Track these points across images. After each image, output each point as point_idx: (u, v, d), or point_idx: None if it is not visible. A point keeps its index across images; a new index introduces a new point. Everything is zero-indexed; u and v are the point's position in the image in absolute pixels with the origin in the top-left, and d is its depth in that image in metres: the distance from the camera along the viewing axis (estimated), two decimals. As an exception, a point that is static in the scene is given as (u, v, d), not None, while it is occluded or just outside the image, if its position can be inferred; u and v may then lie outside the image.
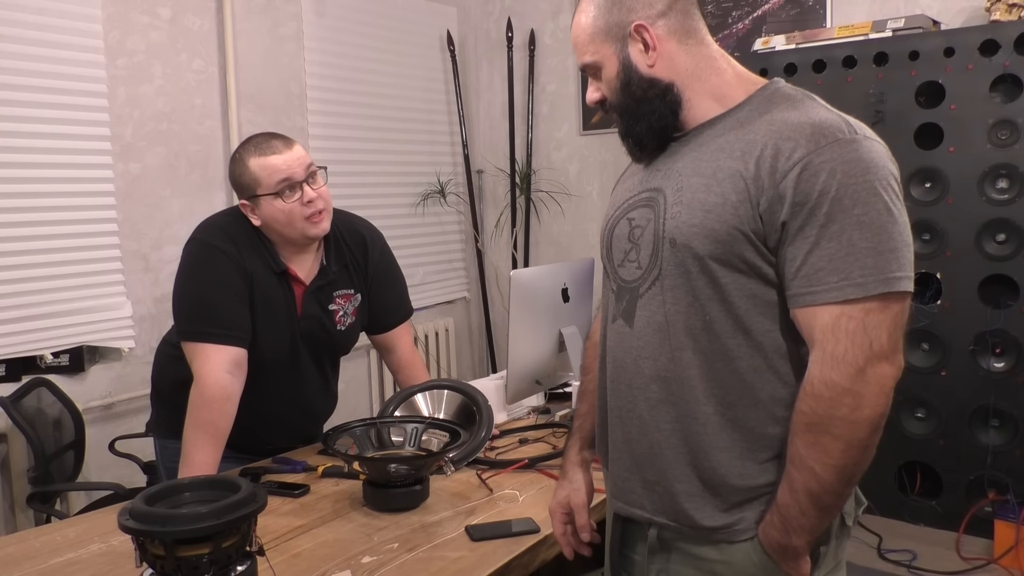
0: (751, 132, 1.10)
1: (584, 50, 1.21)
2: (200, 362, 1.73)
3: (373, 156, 3.71)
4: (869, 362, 1.01)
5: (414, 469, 1.61)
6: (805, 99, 1.13)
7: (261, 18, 3.23)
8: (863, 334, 1.01)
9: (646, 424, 1.18)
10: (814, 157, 1.03)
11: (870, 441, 1.04)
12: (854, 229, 1.01)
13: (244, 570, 1.22)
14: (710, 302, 1.10)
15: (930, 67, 2.82)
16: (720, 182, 1.09)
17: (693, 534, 1.15)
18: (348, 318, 1.96)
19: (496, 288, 4.31)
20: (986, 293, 2.81)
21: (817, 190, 1.02)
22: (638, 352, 1.18)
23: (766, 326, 1.10)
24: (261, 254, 1.83)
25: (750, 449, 1.12)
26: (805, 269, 1.04)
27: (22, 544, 1.49)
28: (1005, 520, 2.71)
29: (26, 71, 2.52)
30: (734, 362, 1.11)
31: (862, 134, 1.06)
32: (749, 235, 1.07)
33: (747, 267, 1.08)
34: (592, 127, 3.99)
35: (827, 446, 1.03)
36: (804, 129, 1.06)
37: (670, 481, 1.16)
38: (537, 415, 2.24)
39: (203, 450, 1.69)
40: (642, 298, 1.17)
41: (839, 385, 1.01)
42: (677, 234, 1.12)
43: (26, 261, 2.55)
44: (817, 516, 1.07)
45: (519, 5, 4.16)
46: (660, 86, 1.17)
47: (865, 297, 1.01)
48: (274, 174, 1.76)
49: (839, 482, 1.05)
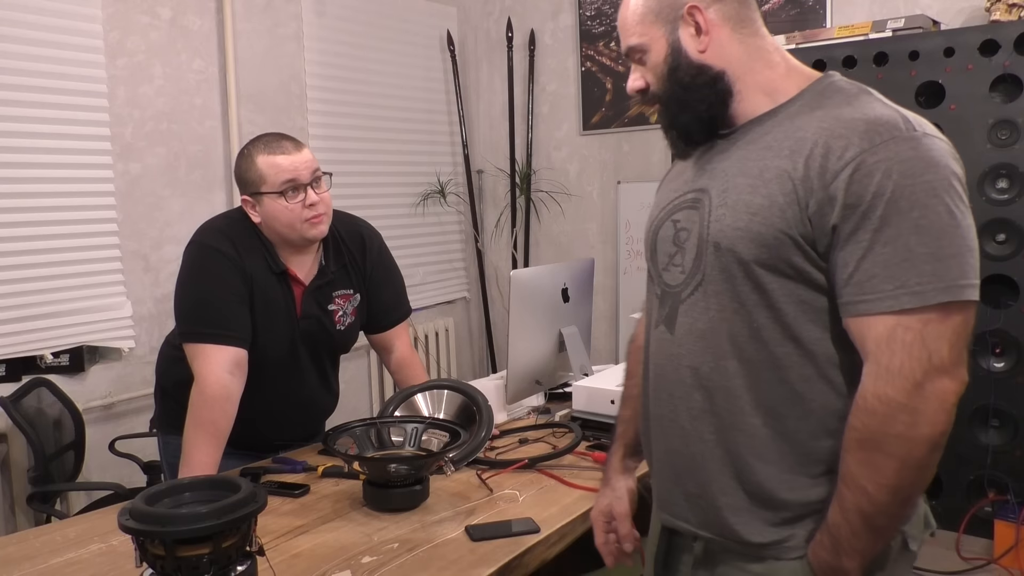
0: (801, 129, 1.04)
1: (631, 31, 1.14)
2: (201, 362, 1.74)
3: (373, 156, 3.71)
4: (928, 376, 0.94)
5: (414, 469, 1.61)
6: (861, 93, 1.06)
7: (261, 18, 3.23)
8: (921, 346, 0.94)
9: (688, 435, 1.13)
10: (868, 156, 0.97)
11: (928, 461, 0.97)
12: (911, 233, 0.94)
13: (244, 570, 1.22)
14: (757, 308, 1.05)
15: (930, 67, 2.81)
16: (767, 183, 1.04)
17: (740, 549, 1.10)
18: (348, 318, 1.97)
19: (496, 288, 4.31)
20: (986, 293, 2.78)
21: (871, 191, 0.95)
22: (679, 360, 1.13)
23: (816, 334, 1.03)
24: (261, 255, 1.83)
25: (801, 463, 1.06)
26: (858, 276, 0.97)
27: (22, 544, 1.49)
28: (1005, 520, 2.71)
29: (26, 71, 2.52)
30: (783, 371, 1.05)
31: (921, 131, 0.99)
32: (797, 239, 1.01)
33: (795, 272, 1.02)
34: (592, 127, 3.99)
35: (880, 465, 0.97)
36: (857, 126, 0.99)
37: (714, 494, 1.10)
38: (537, 415, 2.24)
39: (203, 450, 1.70)
40: (684, 304, 1.12)
41: (894, 400, 0.95)
42: (721, 238, 1.06)
43: (26, 261, 2.55)
44: (869, 538, 1.00)
45: (519, 5, 4.16)
46: (710, 73, 1.10)
47: (923, 307, 0.94)
48: (280, 174, 1.77)
49: (893, 503, 0.99)
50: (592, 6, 3.92)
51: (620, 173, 3.94)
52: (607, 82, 3.91)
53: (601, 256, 3.93)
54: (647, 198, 3.79)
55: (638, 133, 3.86)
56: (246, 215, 1.86)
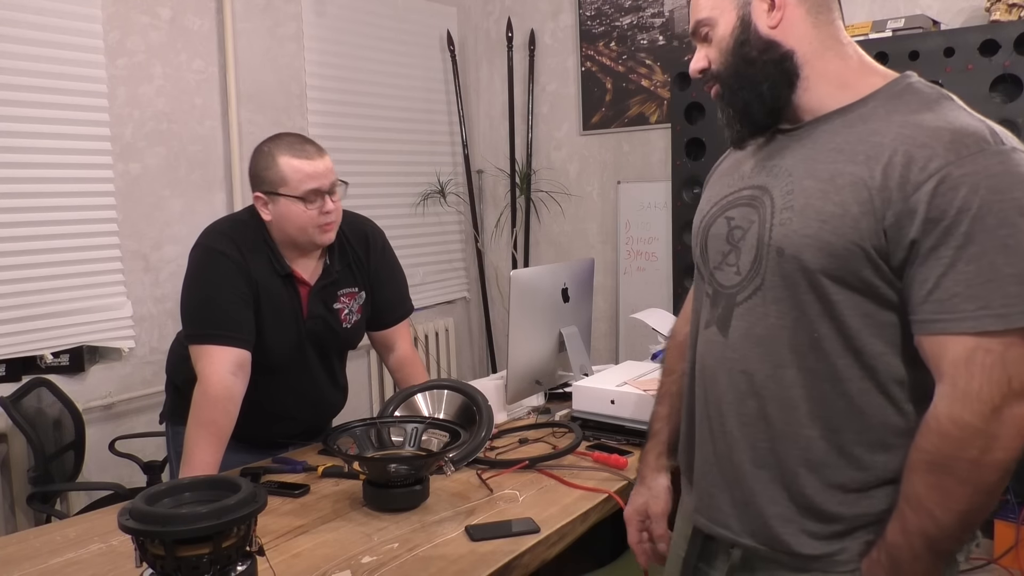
0: (877, 134, 0.99)
1: (703, 5, 1.09)
2: (204, 363, 1.76)
3: (373, 156, 3.71)
4: (1007, 401, 0.91)
5: (414, 469, 1.61)
6: (942, 99, 1.01)
7: (261, 18, 3.23)
8: (1001, 370, 0.91)
9: (738, 441, 1.10)
10: (954, 169, 0.92)
11: (999, 487, 0.94)
12: (998, 253, 0.90)
13: (244, 570, 1.22)
14: (819, 319, 1.01)
15: (930, 67, 2.81)
16: (839, 189, 0.98)
17: (787, 560, 1.07)
18: (354, 316, 1.99)
19: (496, 288, 4.31)
20: (986, 293, 2.81)
21: (956, 206, 0.91)
22: (732, 364, 1.09)
23: (879, 348, 1.00)
24: (266, 258, 1.85)
25: (855, 477, 1.03)
26: (938, 293, 0.93)
27: (22, 544, 1.49)
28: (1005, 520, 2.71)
29: (26, 71, 2.52)
30: (842, 384, 1.01)
31: (1010, 145, 0.94)
32: (869, 252, 0.96)
33: (863, 285, 0.98)
34: (592, 127, 3.99)
35: (951, 489, 0.94)
36: (942, 136, 0.94)
37: (763, 503, 1.08)
38: (537, 415, 2.24)
39: (205, 449, 1.70)
40: (740, 307, 1.08)
41: (971, 425, 0.92)
42: (786, 243, 1.01)
43: (26, 261, 2.55)
44: (930, 561, 0.98)
45: (519, 5, 4.16)
46: (779, 51, 1.05)
47: (1007, 330, 0.90)
48: (305, 180, 1.79)
49: (959, 527, 0.96)
50: (592, 6, 3.92)
51: (620, 173, 3.94)
52: (607, 82, 3.91)
53: (601, 256, 3.93)
54: (647, 198, 3.79)
55: (638, 133, 3.86)
56: (251, 218, 1.87)
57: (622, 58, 3.87)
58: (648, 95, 3.82)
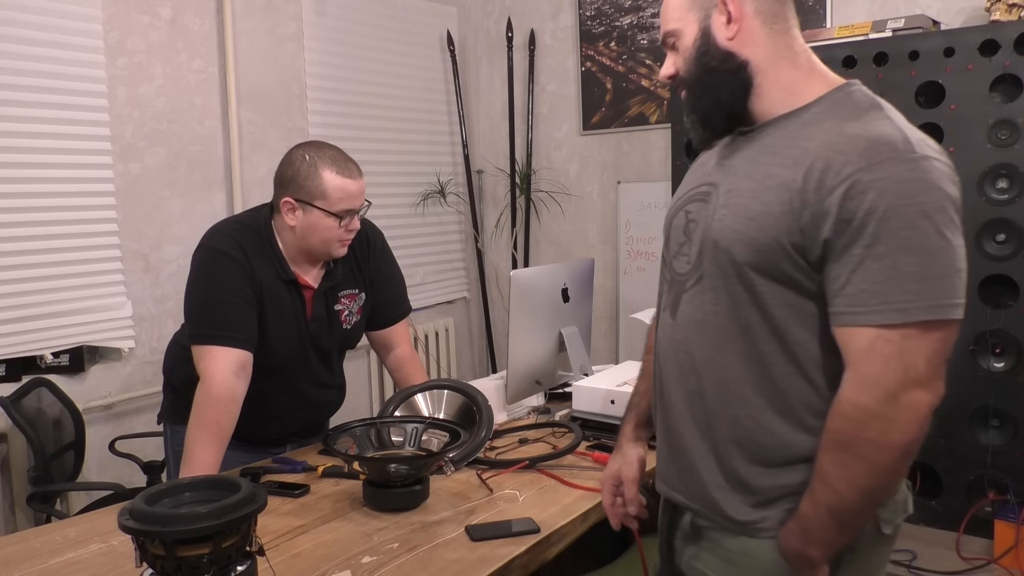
0: (808, 139, 1.08)
1: (669, 18, 1.20)
2: (207, 363, 1.76)
3: (373, 156, 3.70)
4: (903, 387, 0.99)
5: (414, 469, 1.61)
6: (873, 108, 1.09)
7: (261, 18, 3.23)
8: (899, 359, 0.99)
9: (681, 414, 1.21)
10: (864, 174, 1.00)
11: (898, 466, 1.03)
12: (900, 252, 0.98)
13: (244, 570, 1.22)
14: (748, 307, 1.11)
15: (930, 67, 2.81)
16: (767, 190, 1.08)
17: (723, 523, 1.17)
18: (354, 316, 2.00)
19: (496, 288, 4.31)
20: (986, 293, 2.80)
21: (864, 209, 0.99)
22: (678, 345, 1.21)
23: (803, 336, 1.09)
24: (271, 262, 1.86)
25: (778, 454, 1.12)
26: (848, 289, 1.02)
27: (22, 544, 1.49)
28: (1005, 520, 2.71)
29: (26, 71, 2.52)
30: (769, 368, 1.11)
31: (921, 152, 1.01)
32: (788, 248, 1.06)
33: (785, 278, 1.08)
34: (592, 127, 3.99)
35: (852, 467, 1.03)
36: (859, 143, 1.02)
37: (702, 471, 1.18)
38: (537, 415, 2.24)
39: (206, 449, 1.70)
40: (687, 293, 1.19)
41: (868, 408, 1.00)
42: (720, 237, 1.12)
43: (26, 261, 2.55)
44: (836, 531, 1.07)
45: (519, 5, 4.16)
46: (735, 62, 1.14)
47: (905, 323, 0.99)
48: (346, 199, 1.82)
49: (860, 502, 1.05)
50: (592, 6, 3.92)
51: (620, 173, 3.94)
52: (607, 82, 3.91)
53: (601, 256, 3.93)
54: (647, 198, 3.80)
55: (638, 133, 3.86)
56: (256, 222, 1.88)
57: (622, 58, 3.87)
58: (648, 95, 3.82)
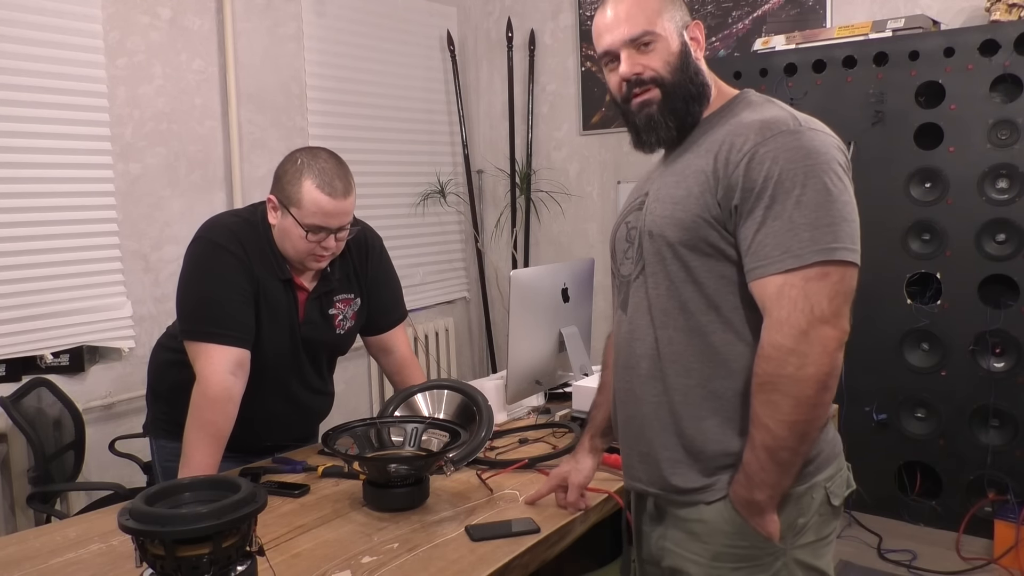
0: (716, 133, 1.25)
1: (645, 20, 1.27)
2: (203, 362, 1.73)
3: (373, 156, 3.71)
4: (812, 325, 1.11)
5: (414, 469, 1.61)
6: (765, 103, 1.26)
7: (261, 18, 3.23)
8: (804, 300, 1.11)
9: (639, 399, 1.30)
10: (760, 147, 1.16)
11: (819, 399, 1.13)
12: (794, 208, 1.13)
13: (244, 570, 1.22)
14: (684, 284, 1.23)
15: (930, 67, 2.81)
16: (687, 178, 1.24)
17: (676, 498, 1.26)
18: (347, 322, 1.97)
19: (496, 288, 4.31)
20: (986, 293, 2.81)
21: (762, 176, 1.15)
22: (631, 334, 1.31)
23: (734, 303, 1.21)
24: (268, 260, 1.82)
25: (729, 418, 1.22)
26: (754, 247, 1.16)
27: (22, 544, 1.49)
28: (1005, 520, 2.71)
29: (26, 71, 2.52)
30: (708, 337, 1.22)
31: (806, 126, 1.18)
32: (711, 220, 1.20)
33: (713, 250, 1.20)
34: (592, 127, 4.00)
35: (778, 403, 1.13)
36: (754, 125, 1.19)
37: (658, 451, 1.27)
38: (537, 415, 2.24)
39: (204, 450, 1.69)
40: (632, 286, 1.32)
41: (784, 346, 1.12)
42: (653, 226, 1.26)
43: (26, 261, 2.55)
44: (776, 471, 1.16)
45: (519, 5, 4.16)
46: (703, 78, 1.31)
47: (802, 266, 1.11)
48: (318, 215, 1.73)
49: (792, 437, 1.14)
50: (592, 6, 3.92)
51: (620, 173, 3.94)
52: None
53: (601, 256, 3.93)
54: (647, 198, 3.79)
55: (638, 133, 3.85)
56: (255, 218, 1.85)
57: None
58: (648, 95, 3.81)
